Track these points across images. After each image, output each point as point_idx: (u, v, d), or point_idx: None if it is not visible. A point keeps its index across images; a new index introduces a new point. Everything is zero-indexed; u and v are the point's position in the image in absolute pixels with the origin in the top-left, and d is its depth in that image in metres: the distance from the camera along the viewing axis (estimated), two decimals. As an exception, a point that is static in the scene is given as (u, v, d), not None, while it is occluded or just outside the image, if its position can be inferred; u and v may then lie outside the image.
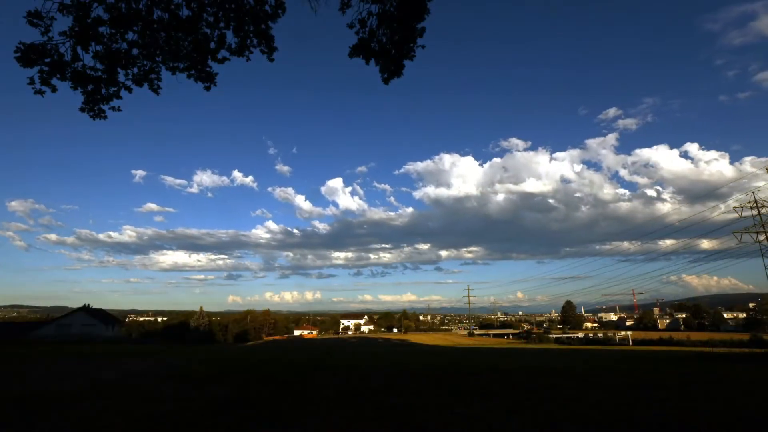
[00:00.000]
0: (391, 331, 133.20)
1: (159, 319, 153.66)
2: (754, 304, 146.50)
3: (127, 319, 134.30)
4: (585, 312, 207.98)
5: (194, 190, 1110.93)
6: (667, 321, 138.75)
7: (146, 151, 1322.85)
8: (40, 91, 5.58)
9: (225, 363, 15.60)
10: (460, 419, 5.80)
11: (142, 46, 6.02)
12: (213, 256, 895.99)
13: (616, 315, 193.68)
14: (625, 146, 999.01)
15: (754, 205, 58.64)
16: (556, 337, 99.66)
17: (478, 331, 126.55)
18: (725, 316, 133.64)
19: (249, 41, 6.22)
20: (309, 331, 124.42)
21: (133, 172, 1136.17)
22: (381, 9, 5.81)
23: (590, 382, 9.72)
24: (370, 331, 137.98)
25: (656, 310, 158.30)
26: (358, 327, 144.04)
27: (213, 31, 6.12)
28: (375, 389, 8.55)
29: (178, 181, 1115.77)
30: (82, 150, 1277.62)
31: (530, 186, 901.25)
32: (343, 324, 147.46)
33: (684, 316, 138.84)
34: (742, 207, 59.74)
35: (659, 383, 9.63)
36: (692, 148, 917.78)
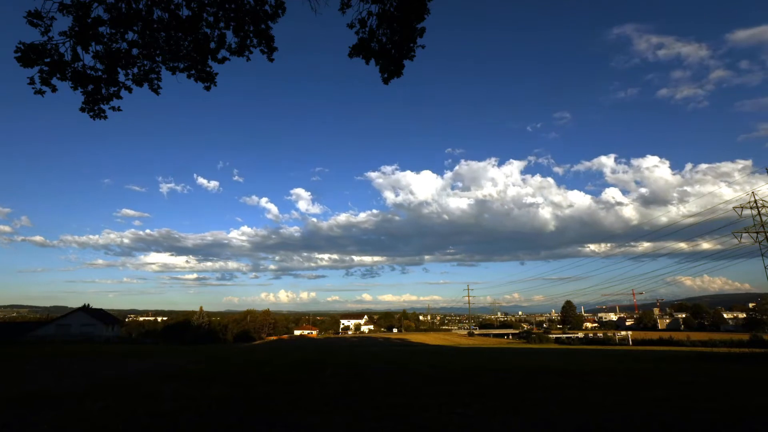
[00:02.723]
0: (391, 331, 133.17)
1: (159, 319, 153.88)
2: (754, 304, 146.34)
3: (127, 319, 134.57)
4: (585, 312, 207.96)
5: (164, 196, 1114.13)
6: (667, 321, 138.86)
7: (110, 157, 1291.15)
8: (41, 91, 5.60)
9: (225, 363, 15.60)
10: (460, 419, 5.80)
11: (142, 46, 6.03)
12: (201, 258, 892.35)
13: (616, 315, 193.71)
14: (564, 157, 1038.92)
15: (754, 205, 58.70)
16: (556, 337, 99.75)
17: (478, 331, 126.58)
18: (725, 316, 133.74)
19: (249, 41, 6.24)
20: (309, 331, 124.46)
21: (102, 181, 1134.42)
22: (381, 9, 5.82)
23: (590, 382, 9.72)
24: (370, 331, 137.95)
25: (656, 310, 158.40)
26: (358, 327, 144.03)
27: (213, 31, 6.14)
28: (375, 389, 8.55)
29: (146, 188, 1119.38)
30: (54, 154, 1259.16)
31: (486, 192, 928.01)
32: (343, 324, 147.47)
33: (684, 316, 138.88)
34: (741, 207, 59.81)
35: (659, 383, 9.63)
36: (623, 159, 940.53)
